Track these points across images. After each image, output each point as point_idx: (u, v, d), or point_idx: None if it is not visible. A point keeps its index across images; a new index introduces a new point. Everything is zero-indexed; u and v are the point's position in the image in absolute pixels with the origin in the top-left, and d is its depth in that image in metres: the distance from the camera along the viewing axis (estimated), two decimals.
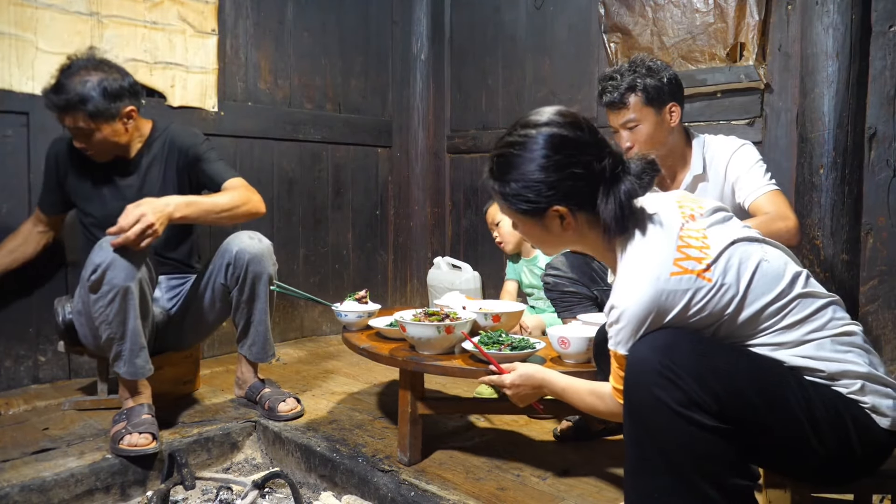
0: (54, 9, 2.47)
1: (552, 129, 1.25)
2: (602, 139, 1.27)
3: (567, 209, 1.24)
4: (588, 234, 1.28)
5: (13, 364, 2.46)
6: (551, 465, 1.82)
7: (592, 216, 1.25)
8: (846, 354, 1.18)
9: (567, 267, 2.13)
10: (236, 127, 3.04)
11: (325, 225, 3.44)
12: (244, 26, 3.06)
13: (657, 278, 1.16)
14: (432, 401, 1.87)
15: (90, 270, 1.86)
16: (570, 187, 1.23)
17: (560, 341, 1.64)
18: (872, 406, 1.16)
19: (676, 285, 1.16)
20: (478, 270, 3.46)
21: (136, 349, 1.94)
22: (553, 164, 1.23)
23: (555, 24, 3.19)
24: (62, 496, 1.75)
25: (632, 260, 1.22)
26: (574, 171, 1.22)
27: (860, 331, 1.23)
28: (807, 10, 2.20)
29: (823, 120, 2.16)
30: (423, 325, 1.71)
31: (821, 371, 1.17)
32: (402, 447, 1.85)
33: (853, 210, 2.18)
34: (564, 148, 1.24)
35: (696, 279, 1.16)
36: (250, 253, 2.15)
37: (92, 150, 2.11)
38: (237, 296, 2.19)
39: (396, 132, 3.72)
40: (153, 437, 1.90)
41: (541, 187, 1.23)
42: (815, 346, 1.18)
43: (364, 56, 3.57)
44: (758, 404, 1.12)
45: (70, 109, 2.01)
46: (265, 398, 2.22)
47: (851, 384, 1.16)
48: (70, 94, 2.00)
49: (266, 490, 1.87)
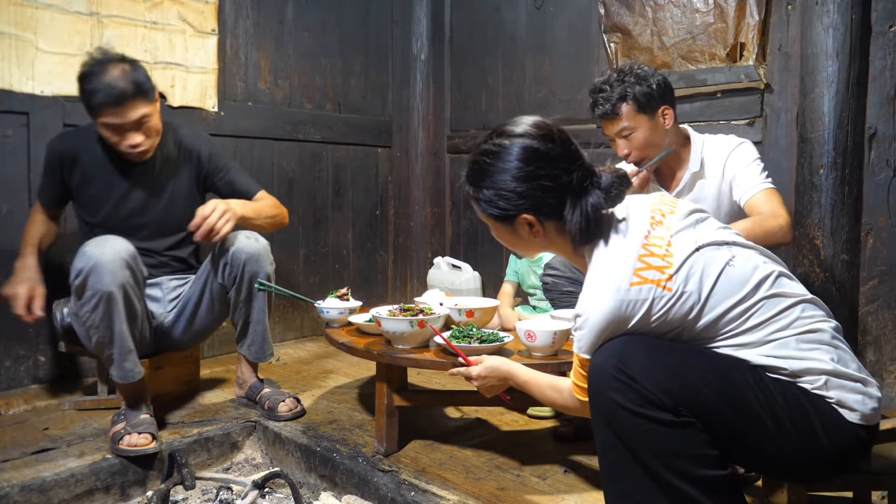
0: (54, 9, 2.47)
1: (525, 142, 1.29)
2: (574, 151, 1.31)
3: (535, 218, 1.30)
4: (556, 240, 1.34)
5: (13, 364, 2.46)
6: (551, 465, 1.82)
7: (561, 224, 1.30)
8: (811, 352, 1.20)
9: (565, 266, 2.13)
10: (236, 127, 3.04)
11: (325, 225, 3.44)
12: (244, 26, 3.07)
13: (617, 289, 1.20)
14: (408, 393, 1.94)
15: (73, 275, 1.87)
16: (538, 198, 1.29)
17: (527, 334, 1.70)
18: (838, 401, 1.17)
19: (637, 295, 1.20)
20: (478, 270, 3.46)
21: (123, 353, 1.94)
22: (524, 175, 1.28)
23: (555, 24, 3.19)
24: (62, 496, 1.75)
25: (595, 269, 1.27)
26: (543, 184, 1.28)
27: (830, 328, 1.24)
28: (807, 10, 2.20)
29: (823, 120, 2.15)
30: (396, 319, 1.78)
31: (783, 369, 1.19)
32: (378, 437, 1.91)
33: (853, 210, 2.18)
34: (535, 161, 1.29)
35: (656, 289, 1.20)
36: (247, 252, 2.14)
37: (146, 143, 2.08)
38: (235, 296, 2.19)
39: (396, 132, 3.73)
40: (153, 437, 1.90)
41: (511, 196, 1.30)
42: (777, 344, 1.20)
43: (364, 56, 3.57)
44: (714, 399, 1.15)
45: (136, 97, 1.99)
46: (265, 398, 2.22)
47: (815, 380, 1.18)
48: (127, 84, 1.97)
49: (266, 490, 1.87)
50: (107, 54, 2.03)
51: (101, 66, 1.99)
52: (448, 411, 2.26)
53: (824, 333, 1.23)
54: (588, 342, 1.24)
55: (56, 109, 2.49)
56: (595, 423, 1.23)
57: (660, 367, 1.17)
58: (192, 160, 2.28)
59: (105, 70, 1.98)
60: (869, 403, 1.18)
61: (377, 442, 1.92)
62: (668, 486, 1.14)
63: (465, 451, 1.93)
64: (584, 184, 1.28)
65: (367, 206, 3.64)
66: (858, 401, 1.18)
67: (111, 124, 2.01)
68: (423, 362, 1.74)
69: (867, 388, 1.20)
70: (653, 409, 1.14)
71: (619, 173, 1.31)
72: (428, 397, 2.22)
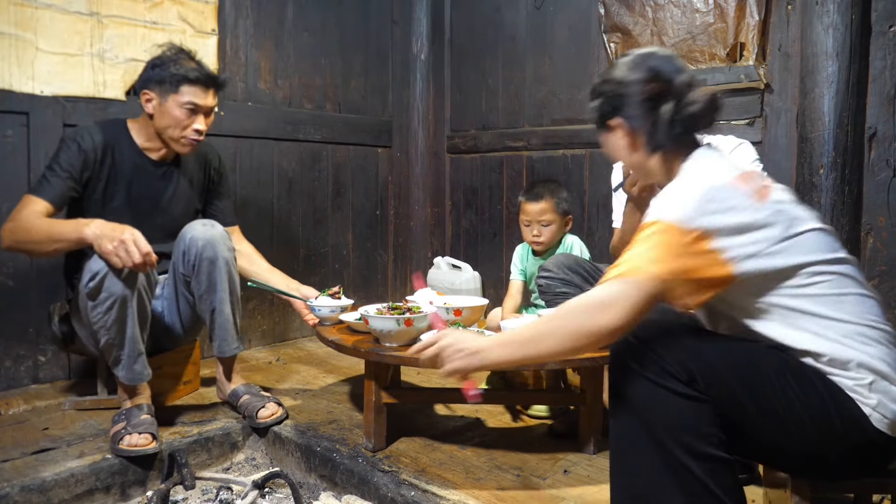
0: (54, 9, 2.47)
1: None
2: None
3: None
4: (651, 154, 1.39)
5: (13, 364, 2.46)
6: (551, 465, 1.82)
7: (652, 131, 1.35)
8: (866, 346, 1.17)
9: (558, 268, 2.14)
10: (236, 127, 3.04)
11: (325, 225, 3.44)
12: (244, 26, 3.07)
13: (714, 177, 1.23)
14: (396, 390, 1.96)
15: (88, 278, 1.85)
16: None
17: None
18: (878, 404, 1.14)
19: (733, 192, 1.21)
20: (478, 270, 3.46)
21: (133, 355, 1.94)
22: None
23: (555, 24, 3.19)
24: (62, 496, 1.75)
25: (692, 167, 1.31)
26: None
27: (892, 331, 1.22)
28: (807, 10, 2.20)
29: (823, 120, 2.16)
30: (383, 318, 1.79)
31: (822, 355, 1.17)
32: (367, 434, 1.93)
33: (853, 210, 2.18)
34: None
35: (751, 199, 1.20)
36: (203, 238, 2.08)
37: (203, 134, 2.14)
38: (196, 287, 2.12)
39: (396, 132, 3.73)
40: (153, 438, 1.89)
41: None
42: (834, 325, 1.17)
43: (364, 56, 3.57)
44: (731, 383, 1.16)
45: (216, 86, 2.14)
46: (244, 406, 2.16)
47: (861, 377, 1.15)
48: (210, 72, 2.13)
49: (266, 490, 1.87)
50: (182, 49, 2.15)
51: (182, 55, 2.12)
52: (448, 411, 2.26)
53: (887, 335, 1.20)
54: (674, 203, 1.21)
55: (56, 109, 2.49)
56: (611, 390, 1.24)
57: (680, 343, 1.19)
58: (205, 168, 2.33)
59: (187, 58, 2.12)
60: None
61: (365, 438, 1.93)
62: (673, 458, 1.14)
63: (465, 451, 1.93)
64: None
65: (367, 206, 3.64)
66: (894, 410, 1.15)
67: (193, 103, 2.08)
68: (407, 360, 1.74)
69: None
70: (669, 380, 1.15)
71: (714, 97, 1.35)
72: (415, 395, 2.26)
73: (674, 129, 1.33)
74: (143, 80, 2.12)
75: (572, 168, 3.15)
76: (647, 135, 1.36)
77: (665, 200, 1.24)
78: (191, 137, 2.12)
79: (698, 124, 1.35)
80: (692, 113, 1.32)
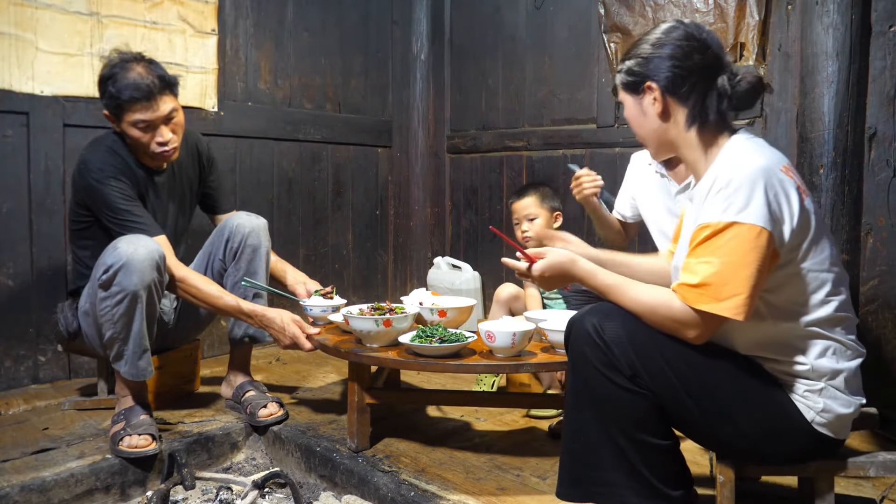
0: (54, 9, 2.47)
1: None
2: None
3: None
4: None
5: (13, 364, 2.46)
6: (551, 465, 1.82)
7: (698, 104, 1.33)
8: (837, 362, 1.27)
9: None
10: (236, 127, 3.04)
11: (325, 225, 3.44)
12: (244, 26, 3.07)
13: (772, 169, 1.21)
14: (378, 391, 1.96)
15: (102, 270, 1.86)
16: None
17: (486, 335, 1.71)
18: (823, 408, 1.25)
19: (783, 180, 1.22)
20: (478, 270, 3.46)
21: (138, 352, 1.94)
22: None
23: (555, 24, 3.19)
24: (62, 496, 1.75)
25: (735, 147, 1.28)
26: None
27: (861, 352, 1.32)
28: (807, 10, 2.20)
29: (823, 120, 2.15)
30: (363, 318, 1.81)
31: (772, 359, 1.27)
32: (350, 434, 1.93)
33: (853, 210, 2.18)
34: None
35: (798, 190, 1.23)
36: (249, 227, 2.18)
37: (174, 140, 2.04)
38: (234, 273, 2.17)
39: (396, 132, 3.73)
40: (153, 438, 1.89)
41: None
42: (825, 330, 1.26)
43: (364, 56, 3.57)
44: (675, 386, 1.27)
45: (164, 90, 1.98)
46: (247, 402, 2.17)
47: (813, 384, 1.25)
48: (153, 78, 1.96)
49: (266, 490, 1.87)
50: (124, 54, 2.02)
51: (122, 66, 1.98)
52: (448, 411, 2.26)
53: (855, 353, 1.31)
54: (740, 199, 1.18)
55: (56, 109, 2.49)
56: (569, 367, 1.39)
57: (632, 340, 1.29)
58: (198, 157, 2.30)
59: (128, 68, 1.97)
60: (846, 420, 1.27)
61: (349, 437, 1.93)
62: (610, 436, 1.30)
63: (465, 451, 1.93)
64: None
65: (367, 206, 3.64)
66: (838, 415, 1.25)
67: (142, 121, 1.97)
68: (385, 360, 1.77)
69: (851, 410, 1.27)
70: (613, 373, 1.29)
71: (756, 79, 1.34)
72: (400, 395, 2.28)
73: (722, 104, 1.30)
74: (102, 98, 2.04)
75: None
76: (690, 106, 1.31)
77: (733, 198, 1.19)
78: (158, 151, 2.03)
79: (744, 103, 1.32)
80: (743, 90, 1.30)
